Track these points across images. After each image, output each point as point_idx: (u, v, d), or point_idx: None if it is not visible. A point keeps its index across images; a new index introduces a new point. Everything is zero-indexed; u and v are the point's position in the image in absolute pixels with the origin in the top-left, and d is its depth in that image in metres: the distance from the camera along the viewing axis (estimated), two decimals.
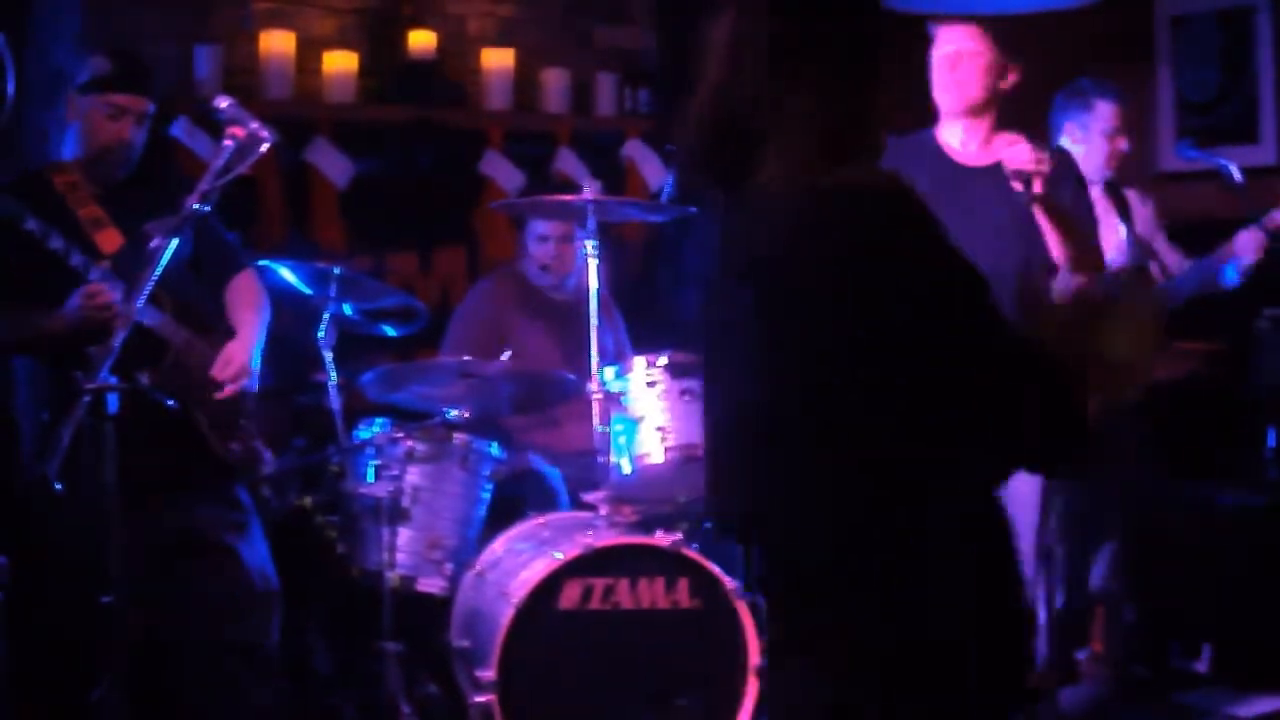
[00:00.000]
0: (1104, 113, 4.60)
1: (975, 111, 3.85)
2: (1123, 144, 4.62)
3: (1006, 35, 3.81)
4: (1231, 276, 4.55)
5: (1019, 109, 3.91)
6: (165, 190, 3.73)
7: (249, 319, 3.90)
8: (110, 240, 3.75)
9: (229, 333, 3.85)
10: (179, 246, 3.55)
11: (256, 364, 3.82)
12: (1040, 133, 4.68)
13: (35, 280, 3.63)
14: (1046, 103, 4.72)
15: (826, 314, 1.98)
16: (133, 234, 3.67)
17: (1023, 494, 3.75)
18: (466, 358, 4.35)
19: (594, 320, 4.03)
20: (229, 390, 3.74)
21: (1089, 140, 4.62)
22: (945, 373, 1.95)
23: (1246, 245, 4.50)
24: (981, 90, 3.82)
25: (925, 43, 3.87)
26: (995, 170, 3.72)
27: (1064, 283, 3.80)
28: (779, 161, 2.02)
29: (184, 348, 3.72)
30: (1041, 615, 4.10)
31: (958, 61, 3.82)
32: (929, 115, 3.93)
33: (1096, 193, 4.70)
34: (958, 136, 3.88)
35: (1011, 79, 3.84)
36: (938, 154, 3.86)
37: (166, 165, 4.47)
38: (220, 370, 3.75)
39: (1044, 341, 2.09)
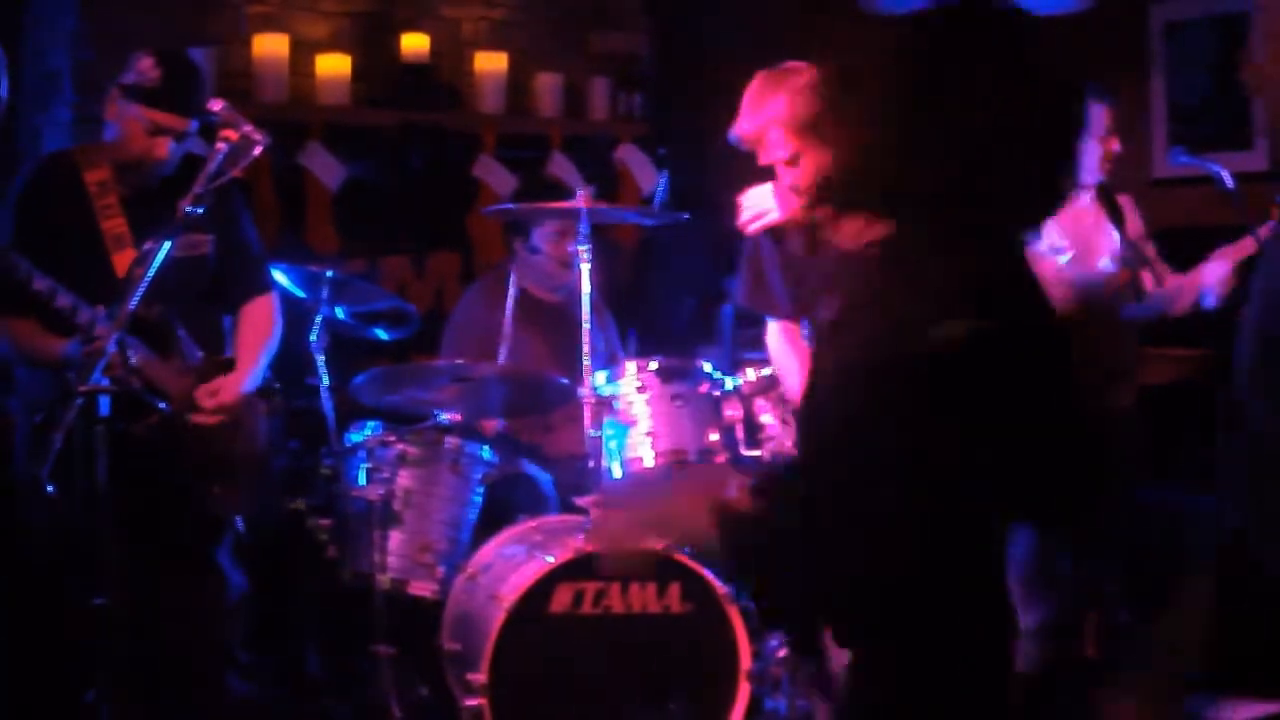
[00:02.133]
0: (1096, 115, 4.60)
1: None
2: (1115, 145, 4.63)
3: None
4: (1210, 301, 4.55)
5: None
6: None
7: (252, 357, 3.85)
8: (127, 265, 3.71)
9: (228, 363, 3.82)
10: (201, 256, 3.53)
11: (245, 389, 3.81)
12: None
13: (38, 318, 3.61)
14: None
15: None
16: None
17: None
18: (459, 361, 4.35)
19: (586, 324, 4.03)
20: (206, 419, 3.71)
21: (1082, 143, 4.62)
22: None
23: (1213, 276, 4.50)
24: None
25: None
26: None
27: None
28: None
29: (171, 389, 3.70)
30: (1037, 620, 4.10)
31: None
32: None
33: (1089, 197, 4.71)
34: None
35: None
36: None
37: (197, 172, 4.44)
38: (204, 396, 3.72)
39: None
